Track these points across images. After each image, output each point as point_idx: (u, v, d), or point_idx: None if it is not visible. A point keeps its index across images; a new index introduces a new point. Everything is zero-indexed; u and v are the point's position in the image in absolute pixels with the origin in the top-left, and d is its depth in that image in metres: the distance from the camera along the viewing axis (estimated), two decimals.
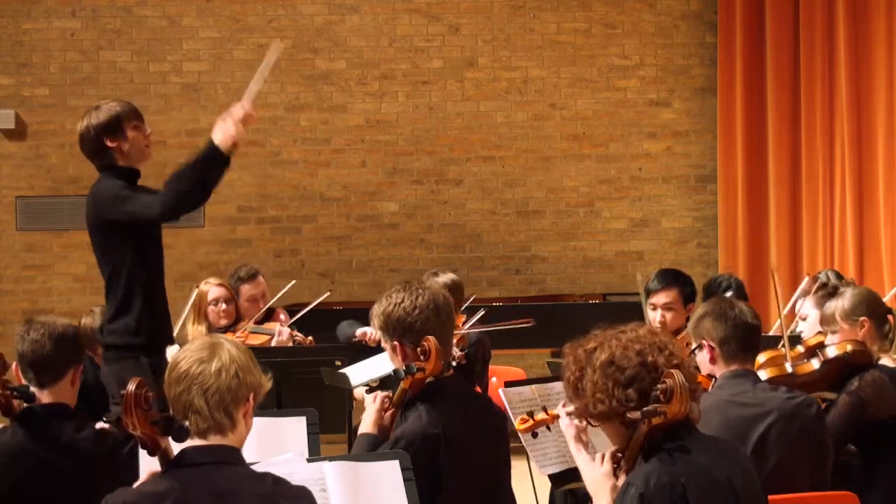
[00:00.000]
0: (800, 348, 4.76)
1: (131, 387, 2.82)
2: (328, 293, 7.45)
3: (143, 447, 2.85)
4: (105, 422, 3.80)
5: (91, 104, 5.03)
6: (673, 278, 5.57)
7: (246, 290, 6.79)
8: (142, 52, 9.86)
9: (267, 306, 6.76)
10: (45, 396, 3.82)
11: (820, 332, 4.95)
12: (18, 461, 3.69)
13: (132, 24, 9.86)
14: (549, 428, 3.99)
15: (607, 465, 2.98)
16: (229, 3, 9.92)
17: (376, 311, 3.63)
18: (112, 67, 9.82)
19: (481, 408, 3.74)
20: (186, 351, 2.90)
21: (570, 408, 3.71)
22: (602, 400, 2.88)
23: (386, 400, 3.65)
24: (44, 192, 9.80)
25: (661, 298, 5.49)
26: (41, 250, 9.82)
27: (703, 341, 4.10)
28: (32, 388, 3.82)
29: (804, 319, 5.36)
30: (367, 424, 3.66)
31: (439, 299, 3.59)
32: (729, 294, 6.13)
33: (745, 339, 4.09)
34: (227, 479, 2.81)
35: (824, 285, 5.54)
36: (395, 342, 3.61)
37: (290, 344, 6.45)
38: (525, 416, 3.95)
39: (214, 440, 2.86)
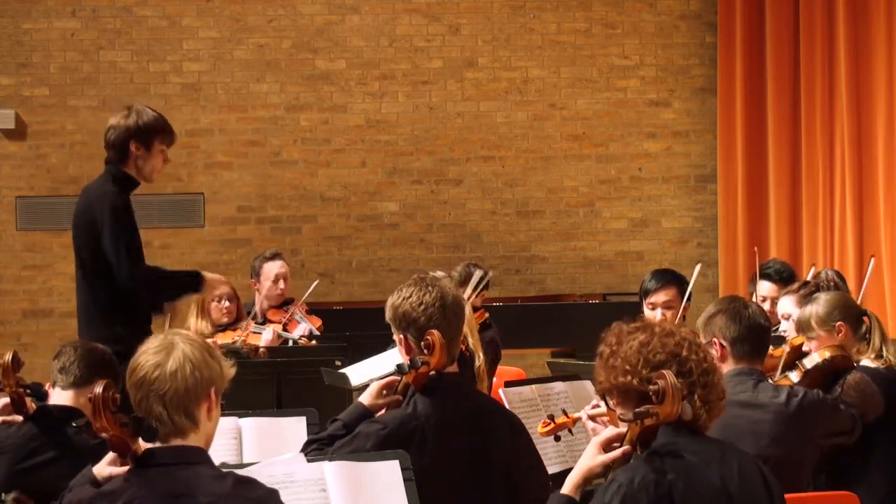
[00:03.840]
0: (785, 347, 4.77)
1: (98, 389, 2.83)
2: (317, 281, 7.42)
3: (114, 450, 2.86)
4: (74, 426, 3.83)
5: (91, 104, 5.06)
6: (671, 276, 5.64)
7: (268, 268, 6.78)
8: (142, 52, 9.85)
9: (301, 302, 6.83)
10: (65, 399, 3.89)
11: None
12: (24, 453, 3.78)
13: (132, 24, 9.85)
14: (570, 431, 4.01)
15: (592, 449, 2.99)
16: (229, 3, 9.92)
17: (388, 302, 3.69)
18: (112, 67, 9.81)
19: (479, 407, 3.73)
20: (144, 354, 2.90)
21: (594, 410, 3.75)
22: (627, 372, 2.92)
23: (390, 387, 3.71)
24: (44, 192, 9.79)
25: (661, 297, 5.56)
26: (41, 250, 9.82)
27: (714, 339, 4.13)
28: (57, 388, 3.91)
29: (787, 318, 5.36)
30: (364, 396, 3.74)
31: (448, 298, 3.60)
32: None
33: (757, 340, 4.14)
34: (185, 480, 2.80)
35: (805, 283, 5.53)
36: (401, 335, 3.64)
37: (276, 344, 6.42)
38: (546, 420, 4.00)
39: (178, 441, 2.86)
